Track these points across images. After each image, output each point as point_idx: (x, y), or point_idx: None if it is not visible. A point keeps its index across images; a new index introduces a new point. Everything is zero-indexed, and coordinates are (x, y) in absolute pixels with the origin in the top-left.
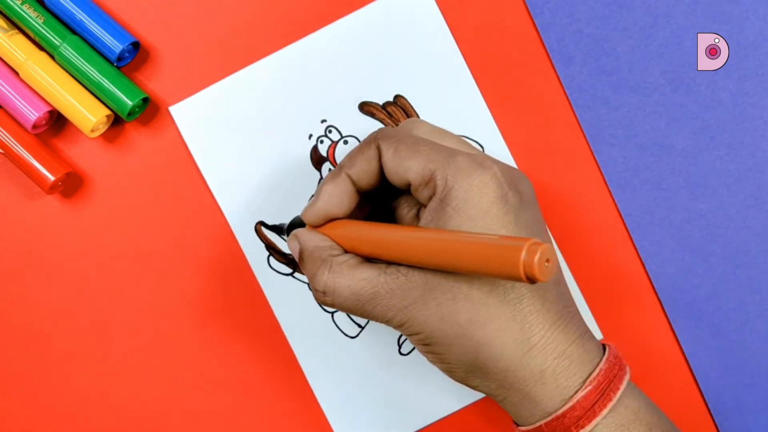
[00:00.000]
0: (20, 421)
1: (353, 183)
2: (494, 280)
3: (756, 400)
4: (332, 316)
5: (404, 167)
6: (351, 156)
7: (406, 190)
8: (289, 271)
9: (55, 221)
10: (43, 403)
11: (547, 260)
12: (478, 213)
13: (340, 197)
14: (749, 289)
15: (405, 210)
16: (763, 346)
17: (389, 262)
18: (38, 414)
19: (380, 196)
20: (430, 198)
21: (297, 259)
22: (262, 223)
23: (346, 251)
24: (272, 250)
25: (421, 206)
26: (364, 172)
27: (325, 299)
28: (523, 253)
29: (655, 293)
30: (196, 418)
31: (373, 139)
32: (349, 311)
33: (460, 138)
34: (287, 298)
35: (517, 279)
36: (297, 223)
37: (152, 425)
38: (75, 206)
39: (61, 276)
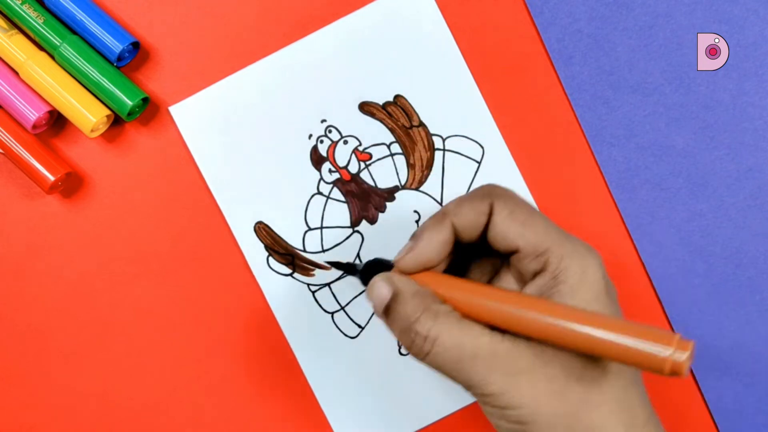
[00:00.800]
0: (20, 420)
1: (456, 233)
2: (606, 362)
3: (756, 400)
4: (332, 316)
5: (517, 233)
6: (459, 203)
7: (480, 254)
8: (289, 271)
9: (55, 221)
10: (43, 402)
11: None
12: (592, 297)
13: (441, 246)
14: (749, 289)
15: (477, 275)
16: (763, 346)
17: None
18: (38, 414)
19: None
20: (537, 273)
21: (382, 306)
22: (333, 264)
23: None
24: (272, 250)
25: (493, 278)
26: (471, 224)
27: (424, 347)
28: (674, 346)
29: (655, 293)
30: (196, 418)
31: (487, 195)
32: (445, 368)
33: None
34: (287, 298)
35: (658, 370)
36: (375, 265)
37: (152, 425)
38: (75, 206)
39: (61, 276)
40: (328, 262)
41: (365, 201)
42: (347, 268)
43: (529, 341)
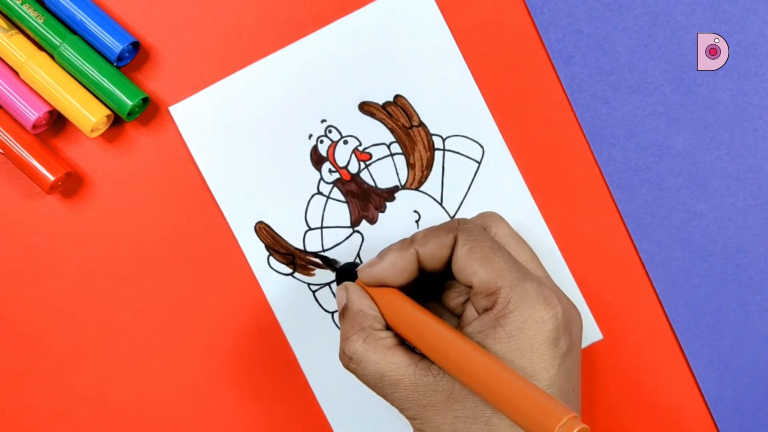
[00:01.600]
0: (20, 421)
1: (419, 261)
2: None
3: (756, 400)
4: (332, 316)
5: (473, 270)
6: (426, 234)
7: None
8: (289, 271)
9: (55, 221)
10: (43, 402)
11: None
12: (527, 347)
13: (401, 270)
14: (749, 289)
15: (454, 294)
16: (763, 346)
17: (423, 355)
18: (38, 414)
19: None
20: (486, 310)
21: (339, 309)
22: (317, 255)
23: (387, 326)
24: (272, 250)
25: (468, 301)
26: (434, 255)
27: (349, 365)
28: (560, 425)
29: (655, 293)
30: (196, 418)
31: (454, 228)
32: (369, 386)
33: (533, 253)
34: (287, 298)
35: None
36: (349, 270)
37: (152, 425)
38: (75, 206)
39: (61, 276)
40: (313, 254)
41: (365, 201)
42: (328, 264)
43: (452, 379)
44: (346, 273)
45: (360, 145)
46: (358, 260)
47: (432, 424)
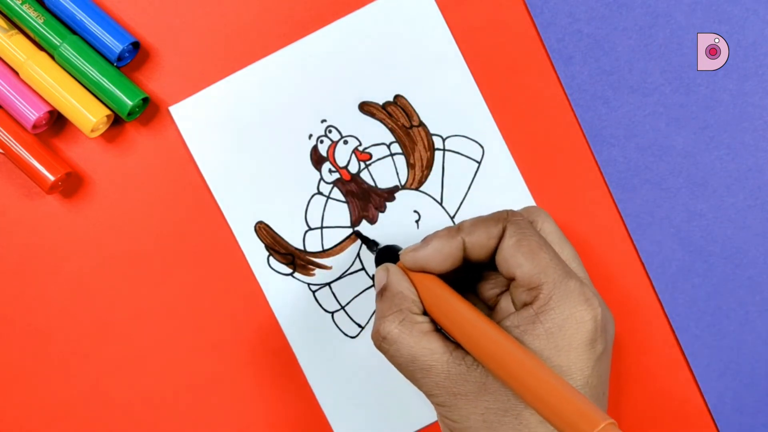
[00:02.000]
0: (20, 420)
1: (465, 249)
2: None
3: (756, 400)
4: (332, 316)
5: (518, 262)
6: (475, 223)
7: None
8: (289, 271)
9: (55, 221)
10: (43, 402)
11: None
12: (565, 346)
13: (446, 257)
14: (749, 289)
15: (490, 285)
16: (763, 346)
17: (458, 344)
18: (38, 414)
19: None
20: (525, 304)
21: (377, 289)
22: (358, 234)
23: (424, 311)
24: (272, 250)
25: (505, 292)
26: (480, 245)
27: (382, 344)
28: (597, 430)
29: (655, 293)
30: (196, 418)
31: (503, 219)
32: (399, 368)
33: (575, 253)
34: (287, 298)
35: None
36: (391, 251)
37: (152, 425)
38: (75, 206)
39: (61, 276)
40: (356, 232)
41: (365, 201)
42: (369, 244)
43: (486, 371)
44: (386, 254)
45: (360, 145)
46: (358, 261)
47: (461, 412)
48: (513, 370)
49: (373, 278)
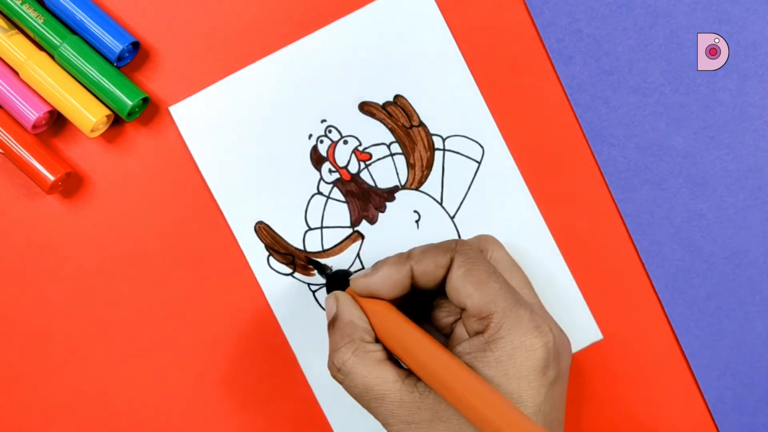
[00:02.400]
0: (20, 421)
1: (413, 277)
2: None
3: (756, 400)
4: None
5: (467, 292)
6: (424, 252)
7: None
8: (289, 271)
9: (55, 221)
10: (43, 403)
11: None
12: (515, 374)
13: (394, 284)
14: (749, 289)
15: (444, 313)
16: (763, 346)
17: (411, 371)
18: (38, 414)
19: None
20: (477, 333)
21: (327, 318)
22: (309, 260)
23: (376, 338)
24: (272, 250)
25: (457, 320)
26: (429, 274)
27: (337, 375)
28: None
29: (655, 293)
30: (196, 418)
31: (451, 249)
32: (355, 398)
33: (527, 279)
34: (287, 298)
35: None
36: (340, 276)
37: (152, 425)
38: (75, 206)
39: (61, 276)
40: (307, 258)
41: (365, 201)
42: (319, 269)
43: (439, 397)
44: (337, 280)
45: (360, 145)
46: (358, 261)
47: None
48: (463, 395)
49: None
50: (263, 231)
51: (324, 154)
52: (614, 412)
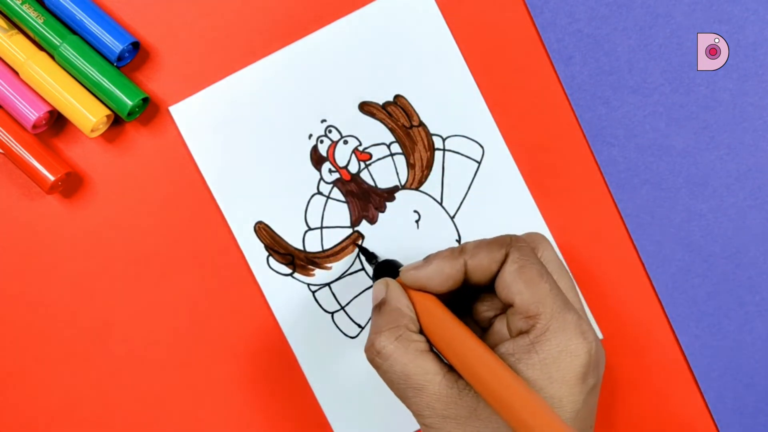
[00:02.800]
0: (20, 421)
1: (466, 272)
2: None
3: (756, 400)
4: (332, 316)
5: (518, 290)
6: (478, 246)
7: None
8: (289, 271)
9: (55, 221)
10: (43, 403)
11: None
12: (559, 377)
13: (446, 278)
14: (749, 289)
15: (485, 307)
16: (763, 346)
17: (452, 367)
18: (38, 414)
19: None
20: (521, 332)
21: (374, 303)
22: (359, 246)
23: (421, 331)
24: (272, 250)
25: (500, 315)
26: (482, 269)
27: (375, 359)
28: None
29: (655, 293)
30: (196, 418)
31: (506, 244)
32: (390, 384)
33: (573, 283)
34: (287, 298)
35: None
36: (391, 266)
37: (152, 425)
38: (75, 206)
39: (61, 276)
40: (357, 245)
41: (365, 201)
42: (368, 257)
43: (478, 396)
44: (385, 268)
45: (360, 145)
46: (358, 261)
47: None
48: (505, 398)
49: (373, 279)
50: (263, 231)
51: (324, 154)
52: (614, 412)
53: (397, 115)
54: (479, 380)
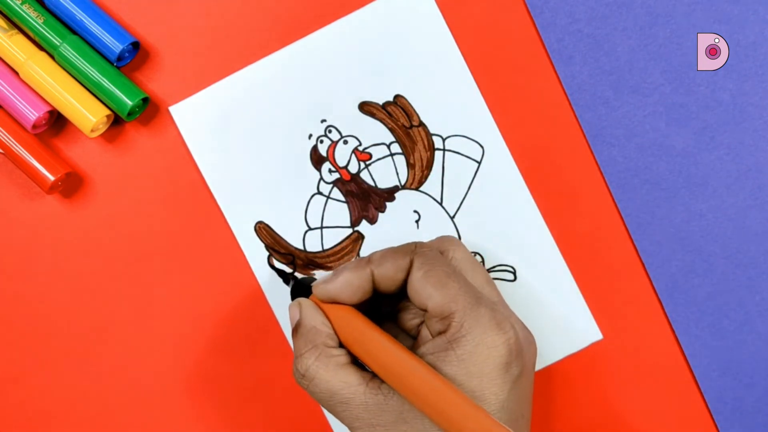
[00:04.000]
0: (20, 421)
1: (373, 281)
2: None
3: (756, 400)
4: None
5: (428, 293)
6: (383, 255)
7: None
8: (289, 271)
9: (55, 221)
10: (43, 403)
11: None
12: (477, 372)
13: (355, 289)
14: (749, 289)
15: (410, 316)
16: (763, 346)
17: (375, 374)
18: (38, 414)
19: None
20: (439, 333)
21: (291, 326)
22: (272, 266)
23: (340, 343)
24: (272, 250)
25: (423, 322)
26: (389, 278)
27: (301, 381)
28: None
29: (655, 293)
30: (196, 417)
31: (410, 252)
32: (320, 403)
33: (488, 277)
34: (287, 298)
35: None
36: (304, 284)
37: (152, 425)
38: (75, 206)
39: (61, 276)
40: (270, 265)
41: (365, 201)
42: (284, 277)
43: (402, 399)
44: (301, 287)
45: (360, 145)
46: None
47: None
48: (426, 395)
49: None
50: (263, 231)
51: (324, 154)
52: (614, 412)
53: (397, 115)
54: (401, 382)
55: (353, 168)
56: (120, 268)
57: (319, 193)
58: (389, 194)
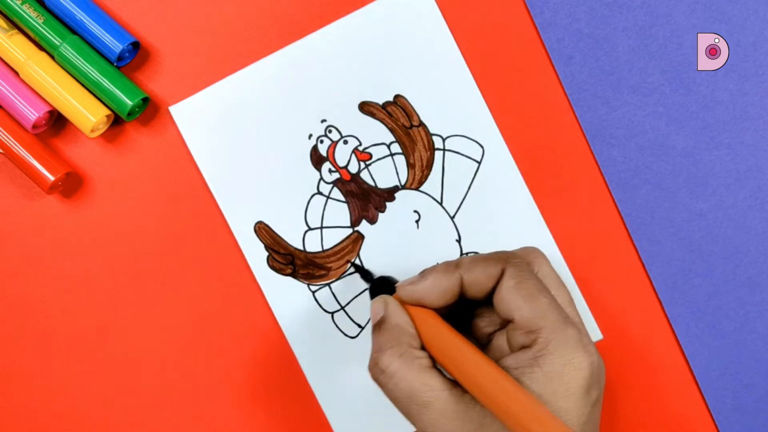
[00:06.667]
0: (20, 421)
1: (462, 286)
2: None
3: (756, 400)
4: (332, 316)
5: (517, 305)
6: (474, 261)
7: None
8: (289, 271)
9: (55, 221)
10: (44, 402)
11: None
12: (563, 391)
13: (443, 293)
14: (749, 289)
15: (484, 323)
16: (763, 346)
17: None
18: (38, 414)
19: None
20: (523, 347)
21: (373, 321)
22: (353, 264)
23: (423, 347)
24: (272, 250)
25: (497, 331)
26: (478, 284)
27: (380, 377)
28: None
29: (655, 293)
30: (196, 418)
31: (503, 261)
32: (395, 402)
33: (571, 297)
34: (287, 298)
35: None
36: (387, 283)
37: (151, 425)
38: (75, 206)
39: (61, 276)
40: (352, 264)
41: (365, 201)
42: (364, 275)
43: (484, 409)
44: (381, 286)
45: (360, 145)
46: (358, 260)
47: None
48: (514, 410)
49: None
50: (263, 231)
51: (324, 154)
52: (614, 411)
53: (397, 115)
54: (486, 394)
55: (353, 168)
56: (120, 268)
57: (319, 193)
58: (389, 194)
